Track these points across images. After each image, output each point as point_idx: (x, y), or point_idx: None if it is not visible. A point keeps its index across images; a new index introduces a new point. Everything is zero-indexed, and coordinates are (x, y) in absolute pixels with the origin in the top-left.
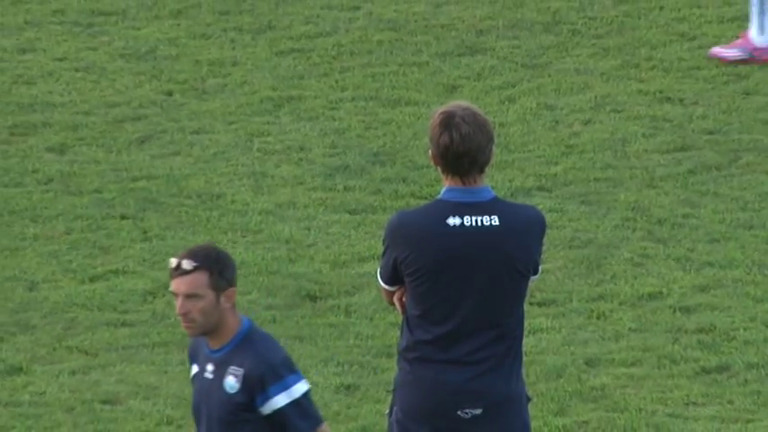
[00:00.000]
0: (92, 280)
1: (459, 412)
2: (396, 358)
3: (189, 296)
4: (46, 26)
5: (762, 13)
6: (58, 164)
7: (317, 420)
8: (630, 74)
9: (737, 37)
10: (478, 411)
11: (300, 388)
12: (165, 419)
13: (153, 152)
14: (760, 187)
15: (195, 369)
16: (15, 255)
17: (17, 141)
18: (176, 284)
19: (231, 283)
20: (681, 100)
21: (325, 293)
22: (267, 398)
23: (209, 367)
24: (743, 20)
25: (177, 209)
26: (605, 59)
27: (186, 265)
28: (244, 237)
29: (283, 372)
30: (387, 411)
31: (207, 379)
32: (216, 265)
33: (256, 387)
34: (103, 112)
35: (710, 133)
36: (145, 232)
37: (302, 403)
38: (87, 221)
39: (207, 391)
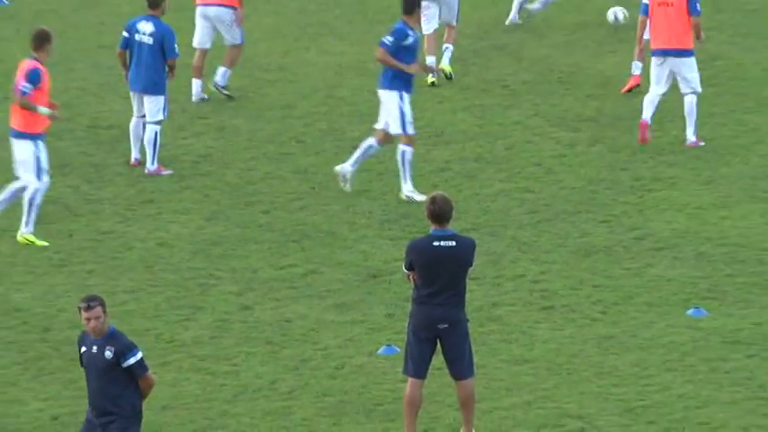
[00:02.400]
0: (280, 269)
1: (438, 326)
2: (410, 302)
3: (96, 318)
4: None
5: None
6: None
7: (147, 369)
8: (512, 180)
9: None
10: (446, 326)
11: (139, 354)
12: (325, 325)
13: (309, 212)
14: (582, 226)
15: (84, 349)
16: (246, 245)
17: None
18: (89, 314)
19: (107, 310)
20: (532, 191)
21: (381, 274)
22: (126, 359)
23: (95, 347)
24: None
25: (319, 239)
26: (503, 183)
27: (93, 303)
28: (346, 250)
29: (132, 348)
30: (406, 326)
31: (93, 353)
32: (104, 302)
33: (120, 355)
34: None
35: (551, 204)
36: (302, 248)
37: (141, 361)
38: (274, 244)
39: (94, 359)
